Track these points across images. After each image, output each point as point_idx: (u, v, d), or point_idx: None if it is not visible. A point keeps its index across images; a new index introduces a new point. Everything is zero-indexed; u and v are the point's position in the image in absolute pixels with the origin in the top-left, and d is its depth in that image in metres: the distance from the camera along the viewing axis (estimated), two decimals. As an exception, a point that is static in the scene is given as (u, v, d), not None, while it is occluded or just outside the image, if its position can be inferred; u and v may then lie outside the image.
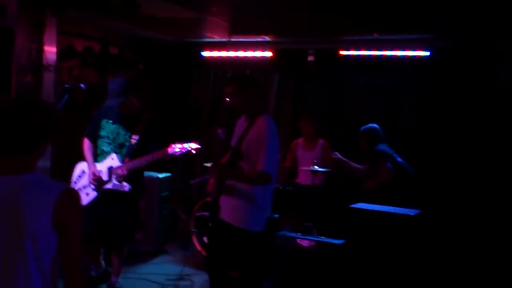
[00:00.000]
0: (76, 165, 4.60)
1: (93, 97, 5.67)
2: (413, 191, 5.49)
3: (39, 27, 4.78)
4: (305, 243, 5.12)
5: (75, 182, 4.50)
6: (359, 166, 5.93)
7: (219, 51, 7.30)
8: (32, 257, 1.81)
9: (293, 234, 5.38)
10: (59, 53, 5.09)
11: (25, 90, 4.60)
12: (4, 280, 1.79)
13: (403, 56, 6.26)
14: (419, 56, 6.18)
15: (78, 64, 5.99)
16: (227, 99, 3.78)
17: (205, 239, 5.85)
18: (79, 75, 5.98)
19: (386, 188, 5.40)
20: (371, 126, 5.72)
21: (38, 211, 1.82)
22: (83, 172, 4.52)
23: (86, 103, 5.79)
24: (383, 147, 5.60)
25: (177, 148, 4.26)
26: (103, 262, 4.75)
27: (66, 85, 3.98)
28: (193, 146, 4.31)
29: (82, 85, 4.27)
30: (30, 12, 4.72)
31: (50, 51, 4.95)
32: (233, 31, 6.51)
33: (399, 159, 5.60)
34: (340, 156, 6.00)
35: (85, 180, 4.48)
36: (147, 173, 6.04)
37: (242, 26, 6.26)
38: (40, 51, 4.81)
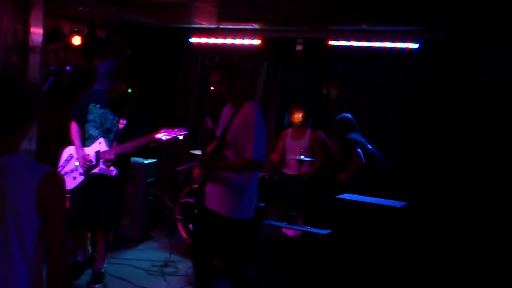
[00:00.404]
0: (64, 149, 4.56)
1: (79, 80, 5.59)
2: (382, 179, 5.61)
3: (26, 7, 4.70)
4: (290, 232, 5.13)
5: (62, 166, 4.46)
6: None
7: (207, 37, 7.24)
8: (15, 239, 1.78)
9: (279, 223, 5.39)
10: (45, 35, 5.01)
11: (10, 71, 4.53)
12: None
13: (392, 48, 6.26)
14: (408, 48, 6.18)
15: (64, 46, 5.90)
16: (212, 88, 3.73)
17: (190, 226, 5.83)
18: (65, 57, 5.89)
19: (358, 177, 5.50)
20: (343, 116, 5.90)
21: (21, 192, 1.79)
22: (71, 156, 4.48)
23: (72, 86, 5.71)
24: (354, 135, 5.75)
25: (164, 133, 4.23)
26: (89, 247, 4.72)
27: (52, 67, 3.92)
28: (180, 132, 4.28)
29: (68, 68, 4.21)
30: (17, -8, 4.64)
31: (37, 32, 4.88)
32: (222, 18, 6.44)
33: (370, 147, 5.75)
34: (324, 136, 6.10)
35: (72, 164, 4.44)
36: (133, 159, 6.00)
37: (231, 13, 6.20)
38: (26, 32, 4.74)
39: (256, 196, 3.78)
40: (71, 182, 4.36)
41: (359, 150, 5.60)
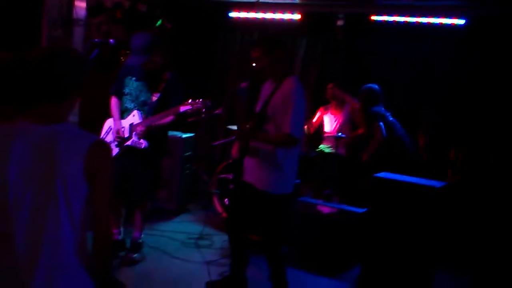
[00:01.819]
0: (105, 122, 4.65)
1: (122, 53, 5.66)
2: (402, 154, 5.52)
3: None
4: (325, 210, 5.12)
5: (102, 138, 4.55)
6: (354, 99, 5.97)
7: (247, 12, 7.19)
8: (63, 204, 1.83)
9: (314, 201, 5.39)
10: (88, 9, 5.07)
11: (55, 44, 4.61)
12: (35, 223, 1.82)
13: (438, 24, 6.06)
14: (453, 24, 5.98)
15: (107, 20, 5.96)
16: (253, 64, 3.72)
17: (226, 200, 5.90)
18: (107, 31, 5.96)
19: (380, 155, 5.42)
20: (369, 86, 5.69)
21: (70, 159, 1.84)
22: (110, 128, 4.59)
23: (113, 60, 5.79)
24: (378, 108, 5.59)
25: (188, 105, 4.27)
26: (122, 228, 4.82)
27: (95, 40, 3.97)
28: (203, 104, 4.28)
29: (111, 41, 4.25)
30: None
31: (80, 6, 4.95)
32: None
33: (391, 119, 5.59)
34: (338, 89, 6.05)
35: (110, 136, 4.54)
36: (171, 133, 6.06)
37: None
38: (71, 5, 4.80)
39: (295, 172, 3.77)
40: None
41: (381, 123, 5.47)
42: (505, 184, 5.66)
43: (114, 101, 4.58)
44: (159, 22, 4.38)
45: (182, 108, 4.28)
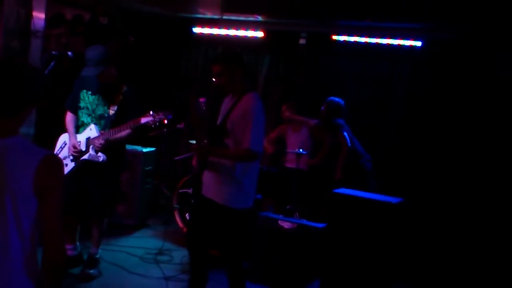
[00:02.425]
0: (59, 137, 4.56)
1: (80, 66, 5.58)
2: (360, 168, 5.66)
3: (28, -10, 4.69)
4: (286, 225, 5.14)
5: (57, 153, 4.46)
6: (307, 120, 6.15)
7: (210, 28, 7.22)
8: (12, 220, 1.79)
9: (275, 216, 5.40)
10: (47, 20, 5.00)
11: (11, 55, 4.52)
12: None
13: (396, 45, 6.26)
14: (411, 45, 6.18)
15: (66, 32, 5.88)
16: (214, 79, 3.74)
17: (187, 215, 5.85)
18: (67, 43, 5.88)
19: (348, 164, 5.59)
20: (334, 99, 5.88)
21: (20, 174, 1.80)
22: (65, 143, 4.51)
23: (73, 72, 5.70)
24: (340, 120, 5.77)
25: (149, 117, 4.18)
26: (78, 243, 4.72)
27: (53, 52, 3.91)
28: (165, 116, 4.21)
29: (69, 53, 4.19)
30: (20, -25, 4.62)
31: (39, 16, 4.86)
32: (226, 8, 6.44)
33: (351, 135, 5.75)
34: (290, 112, 6.21)
35: (65, 151, 4.46)
36: (132, 147, 6.00)
37: (235, 4, 6.20)
38: (29, 16, 4.72)
39: (254, 186, 3.78)
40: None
41: (345, 133, 5.63)
42: (460, 198, 5.82)
43: (69, 115, 4.51)
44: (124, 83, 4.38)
45: (143, 120, 4.19)
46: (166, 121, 4.23)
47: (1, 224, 1.79)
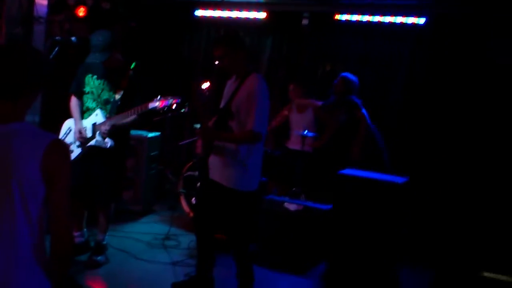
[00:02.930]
0: (64, 123, 4.55)
1: (84, 51, 5.56)
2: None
3: (30, -23, 4.67)
4: (292, 207, 5.14)
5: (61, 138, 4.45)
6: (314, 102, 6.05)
7: (212, 10, 7.17)
8: (20, 206, 1.79)
9: (280, 198, 5.41)
10: (50, 6, 4.97)
11: (13, 41, 4.50)
12: None
13: (399, 23, 6.19)
14: (414, 23, 6.12)
15: (69, 18, 5.85)
16: (216, 62, 3.72)
17: (192, 200, 5.87)
18: (70, 29, 5.84)
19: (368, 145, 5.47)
20: (348, 75, 5.68)
21: (26, 159, 1.79)
22: (70, 129, 4.49)
23: (77, 58, 5.68)
24: (357, 100, 5.60)
25: (158, 101, 4.17)
26: (85, 229, 4.73)
27: (57, 38, 3.89)
28: (173, 100, 4.18)
29: (73, 39, 4.16)
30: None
31: (41, 3, 4.84)
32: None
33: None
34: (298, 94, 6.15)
35: (70, 137, 4.44)
36: (136, 132, 6.00)
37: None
38: (31, 2, 4.69)
39: (259, 169, 3.79)
40: (68, 154, 4.35)
41: (364, 110, 5.46)
42: (462, 180, 5.81)
43: (74, 100, 4.48)
44: (133, 65, 4.30)
45: (151, 105, 4.17)
46: (174, 106, 4.21)
47: (9, 211, 1.79)
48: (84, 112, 4.42)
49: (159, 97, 4.19)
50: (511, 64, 5.63)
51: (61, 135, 4.49)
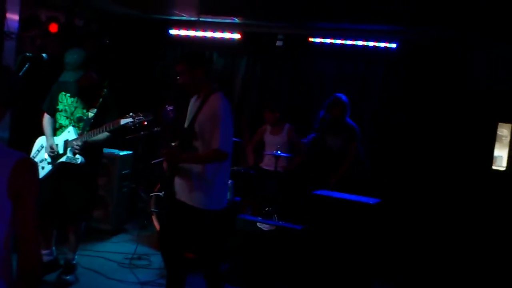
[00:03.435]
0: (36, 140, 4.49)
1: (56, 68, 5.50)
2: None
3: (2, -8, 4.62)
4: (265, 227, 5.14)
5: (33, 157, 4.38)
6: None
7: (187, 30, 7.20)
8: None
9: (254, 218, 5.40)
10: (22, 21, 4.91)
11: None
12: None
13: (371, 47, 6.33)
14: (386, 47, 6.26)
15: (41, 33, 5.79)
16: (177, 78, 3.73)
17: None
18: (42, 45, 5.78)
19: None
20: (342, 96, 5.75)
21: None
22: (42, 146, 4.44)
23: (48, 75, 5.61)
24: (352, 122, 5.71)
25: (129, 118, 4.15)
26: (53, 248, 4.63)
27: (28, 54, 3.83)
28: (145, 117, 4.18)
29: (44, 55, 4.11)
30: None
31: (13, 18, 4.79)
32: (203, 10, 6.42)
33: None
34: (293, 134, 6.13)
35: (42, 155, 4.39)
36: (108, 150, 5.93)
37: (211, 6, 6.18)
38: (2, 17, 4.64)
39: (226, 187, 3.79)
40: (40, 171, 4.28)
41: (359, 145, 5.60)
42: (433, 196, 5.92)
43: (46, 118, 4.44)
44: (105, 83, 4.29)
45: (123, 121, 4.15)
46: (145, 123, 4.19)
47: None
48: (57, 130, 4.38)
49: (131, 114, 4.17)
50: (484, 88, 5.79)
51: (33, 152, 4.42)
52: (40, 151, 4.42)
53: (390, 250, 5.41)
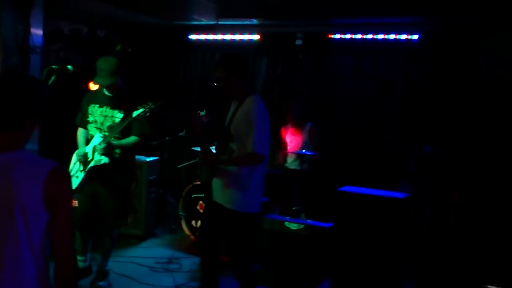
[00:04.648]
0: (73, 155, 4.58)
1: (81, 79, 5.60)
2: None
3: (26, 8, 4.72)
4: (293, 226, 5.14)
5: (70, 170, 4.47)
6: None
7: (206, 34, 7.25)
8: (23, 234, 1.80)
9: (281, 217, 5.41)
10: (46, 35, 5.02)
11: (11, 72, 4.54)
12: None
13: (392, 40, 6.27)
14: (407, 39, 6.19)
15: (65, 46, 5.91)
16: (215, 83, 3.78)
17: (193, 223, 5.86)
18: (66, 57, 5.90)
19: None
20: None
21: (28, 187, 1.81)
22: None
23: (73, 86, 5.72)
24: None
25: (141, 109, 4.24)
26: (89, 254, 4.71)
27: (53, 66, 3.92)
28: (155, 104, 4.26)
29: (69, 67, 4.20)
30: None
31: (37, 33, 4.89)
32: (221, 14, 6.46)
33: None
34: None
35: (77, 165, 4.47)
36: (136, 157, 5.99)
37: (230, 9, 6.22)
38: (27, 32, 4.75)
39: (262, 190, 3.80)
40: (74, 181, 4.37)
41: None
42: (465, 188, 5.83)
43: (80, 130, 4.56)
44: (118, 47, 4.36)
45: (135, 113, 4.26)
46: (156, 109, 4.26)
47: (13, 240, 1.80)
48: (89, 141, 4.47)
49: (142, 104, 4.27)
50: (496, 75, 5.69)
51: (70, 166, 4.50)
52: (75, 163, 4.51)
53: (418, 246, 5.34)
